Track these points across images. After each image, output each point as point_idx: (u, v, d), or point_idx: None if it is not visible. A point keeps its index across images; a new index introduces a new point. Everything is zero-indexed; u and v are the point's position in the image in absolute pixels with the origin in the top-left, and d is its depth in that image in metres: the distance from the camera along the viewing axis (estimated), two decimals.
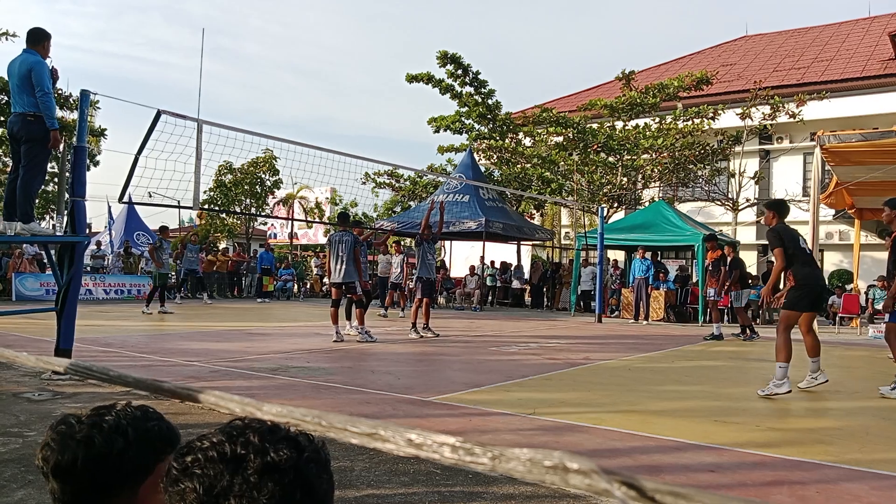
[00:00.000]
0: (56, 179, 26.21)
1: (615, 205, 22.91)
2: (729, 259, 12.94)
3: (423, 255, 11.12)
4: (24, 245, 17.29)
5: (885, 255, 11.08)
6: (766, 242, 7.52)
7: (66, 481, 1.11)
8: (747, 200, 21.92)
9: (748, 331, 12.53)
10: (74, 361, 0.91)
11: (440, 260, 26.65)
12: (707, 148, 21.52)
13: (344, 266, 10.15)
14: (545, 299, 22.58)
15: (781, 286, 7.22)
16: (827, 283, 21.62)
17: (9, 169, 6.73)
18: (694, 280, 18.78)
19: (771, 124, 21.74)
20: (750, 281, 17.94)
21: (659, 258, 19.72)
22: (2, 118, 19.40)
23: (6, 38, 20.28)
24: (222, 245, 31.23)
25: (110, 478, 1.12)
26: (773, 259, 6.85)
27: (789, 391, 6.17)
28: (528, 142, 24.33)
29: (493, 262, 23.01)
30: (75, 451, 1.10)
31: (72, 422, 1.14)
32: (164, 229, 15.52)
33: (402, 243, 21.68)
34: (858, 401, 6.42)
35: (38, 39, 6.34)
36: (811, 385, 6.59)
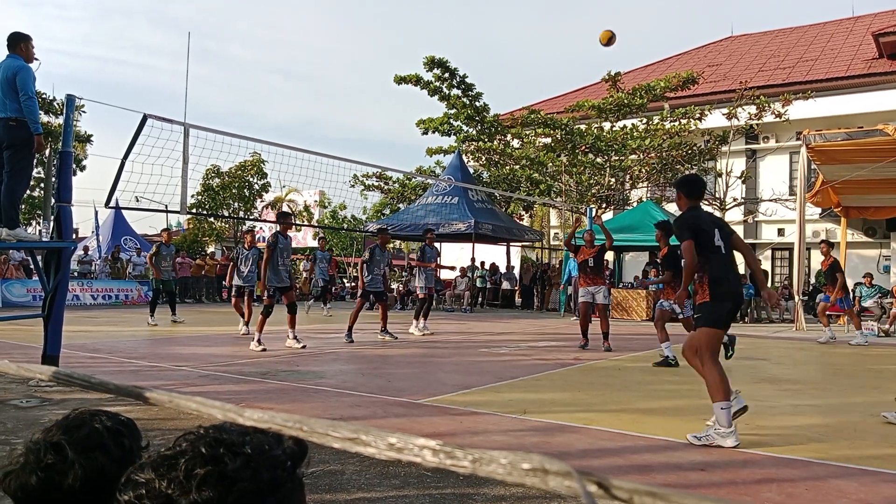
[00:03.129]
0: (42, 185, 25.99)
1: (603, 205, 22.97)
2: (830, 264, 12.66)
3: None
4: (11, 251, 17.15)
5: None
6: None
7: (88, 491, 1.07)
8: (734, 200, 22.03)
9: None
10: (57, 369, 0.91)
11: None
12: (694, 148, 21.62)
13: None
14: (535, 300, 22.63)
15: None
16: (814, 282, 21.86)
17: None
18: None
19: (757, 124, 21.86)
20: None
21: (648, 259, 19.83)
22: None
23: None
24: (210, 249, 31.08)
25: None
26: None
27: (736, 444, 4.32)
28: (516, 143, 24.37)
29: (482, 264, 23.03)
30: (96, 459, 1.07)
31: (61, 441, 1.11)
32: (166, 232, 14.79)
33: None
34: (847, 398, 6.46)
35: (15, 42, 6.31)
36: None
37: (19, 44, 6.31)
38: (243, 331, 11.07)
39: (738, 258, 5.07)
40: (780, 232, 23.27)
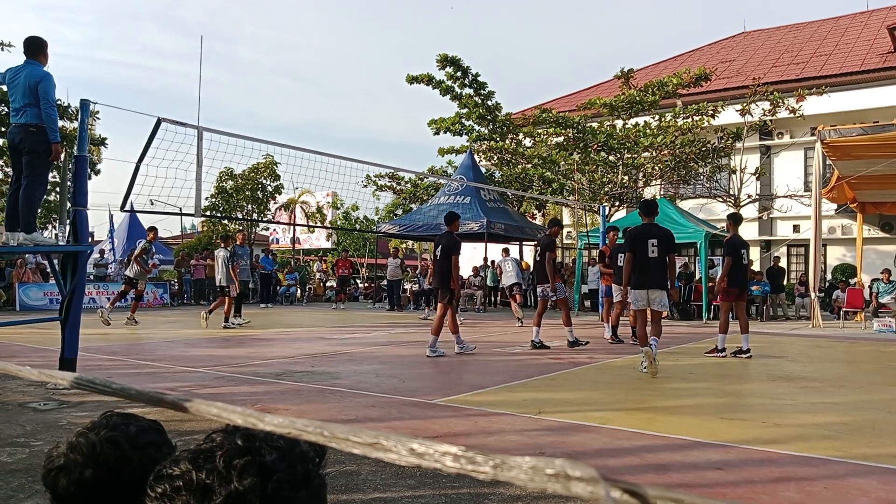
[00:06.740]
0: (58, 189, 26.21)
1: (616, 203, 22.87)
2: None
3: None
4: (27, 255, 17.31)
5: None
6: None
7: (141, 487, 1.09)
8: (749, 197, 21.88)
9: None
10: (78, 375, 0.92)
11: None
12: (707, 145, 21.48)
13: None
14: None
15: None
16: (830, 278, 21.64)
17: (10, 180, 6.75)
18: (697, 277, 18.75)
19: (771, 120, 21.67)
20: (754, 277, 17.95)
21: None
22: (2, 129, 19.32)
23: (3, 49, 20.20)
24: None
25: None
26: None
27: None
28: (528, 142, 24.31)
29: (493, 262, 23.01)
30: (150, 455, 1.11)
31: (115, 437, 1.13)
32: (226, 238, 14.08)
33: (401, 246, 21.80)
34: (864, 395, 6.40)
35: (38, 49, 6.35)
36: None
37: (40, 50, 6.36)
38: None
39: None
40: (796, 228, 23.08)
